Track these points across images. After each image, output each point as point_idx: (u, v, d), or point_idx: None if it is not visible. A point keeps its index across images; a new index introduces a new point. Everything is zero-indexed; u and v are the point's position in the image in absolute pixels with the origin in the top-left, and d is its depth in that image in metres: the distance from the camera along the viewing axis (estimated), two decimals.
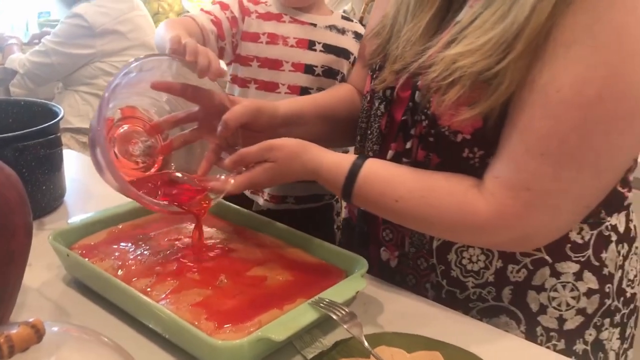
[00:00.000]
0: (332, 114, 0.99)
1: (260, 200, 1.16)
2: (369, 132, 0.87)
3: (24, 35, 2.57)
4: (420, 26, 0.78)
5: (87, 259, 0.77)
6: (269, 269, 0.78)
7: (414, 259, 0.82)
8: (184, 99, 0.87)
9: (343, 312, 0.68)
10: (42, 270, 0.82)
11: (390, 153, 0.81)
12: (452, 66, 0.68)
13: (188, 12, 2.94)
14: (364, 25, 1.17)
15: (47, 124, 0.97)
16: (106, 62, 2.08)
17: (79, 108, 2.06)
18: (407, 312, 0.77)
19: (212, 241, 0.85)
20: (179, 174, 0.87)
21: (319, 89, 1.10)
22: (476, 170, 0.74)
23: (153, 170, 0.89)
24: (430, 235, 0.79)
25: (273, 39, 1.10)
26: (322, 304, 0.69)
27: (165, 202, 0.80)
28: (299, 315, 0.67)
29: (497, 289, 0.79)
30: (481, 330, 0.76)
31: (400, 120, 0.79)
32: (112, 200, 0.98)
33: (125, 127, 0.86)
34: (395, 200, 0.75)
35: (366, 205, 0.80)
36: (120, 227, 0.87)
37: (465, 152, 0.73)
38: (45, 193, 1.00)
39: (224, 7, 1.09)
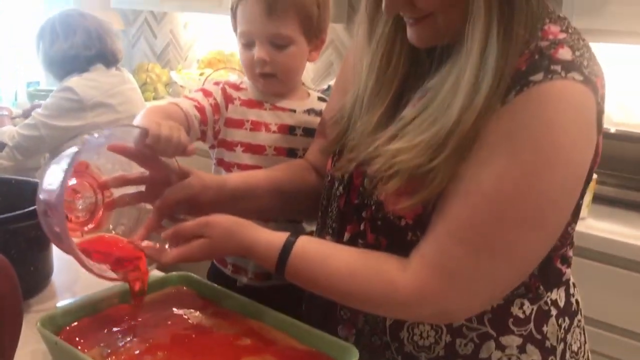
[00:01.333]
0: (283, 189, 1.03)
1: (244, 279, 1.16)
2: (330, 210, 0.92)
3: (12, 105, 2.60)
4: (373, 120, 0.85)
5: (76, 347, 0.76)
6: (259, 358, 0.78)
7: (369, 336, 0.86)
8: (137, 164, 0.91)
9: None
10: (27, 357, 0.81)
11: (346, 235, 0.86)
12: (392, 160, 0.75)
13: (176, 82, 3.01)
14: None
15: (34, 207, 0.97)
16: None
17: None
18: None
19: (197, 324, 0.85)
20: (116, 235, 0.90)
21: None
22: None
23: (90, 226, 0.92)
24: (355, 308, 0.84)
25: (256, 126, 1.14)
26: None
27: (103, 266, 0.83)
28: None
29: None
30: None
31: (355, 203, 0.85)
32: (101, 280, 0.98)
33: (74, 180, 0.91)
34: (326, 278, 0.79)
35: (299, 282, 0.83)
36: (109, 310, 0.87)
37: (409, 236, 0.79)
38: (33, 274, 0.99)
39: (207, 94, 1.14)
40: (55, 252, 1.07)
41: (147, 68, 3.18)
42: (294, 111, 1.17)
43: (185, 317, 0.87)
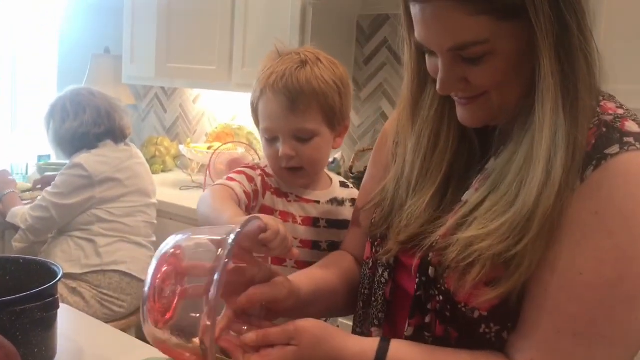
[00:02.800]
0: (336, 288, 0.99)
1: None
2: (373, 299, 0.88)
3: (22, 178, 2.63)
4: (424, 201, 0.83)
5: None
6: None
7: None
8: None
9: None
10: None
11: (409, 329, 0.81)
12: (469, 249, 0.72)
13: (184, 155, 3.05)
14: (352, 175, 1.22)
15: (46, 286, 0.97)
16: (102, 209, 2.12)
17: (72, 253, 2.07)
18: None
19: None
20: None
21: None
22: (492, 344, 0.76)
23: (168, 315, 0.86)
24: None
25: (284, 216, 1.13)
26: None
27: None
28: None
29: None
30: None
31: (414, 294, 0.81)
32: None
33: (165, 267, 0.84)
34: None
35: None
36: None
37: (482, 328, 0.75)
38: (37, 355, 0.98)
39: (250, 179, 1.12)
40: (60, 332, 1.06)
41: (157, 141, 3.23)
42: (318, 202, 1.16)
43: None
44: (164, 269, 0.82)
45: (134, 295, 2.13)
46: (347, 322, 1.26)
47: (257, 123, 1.15)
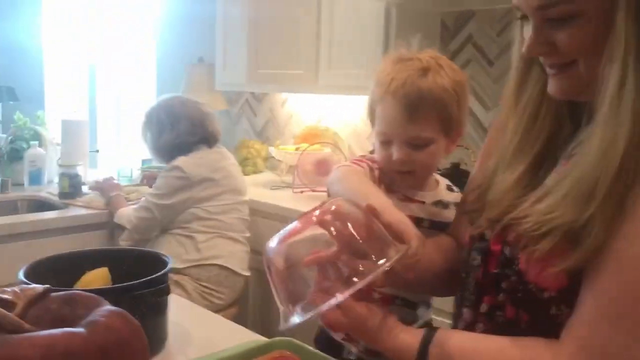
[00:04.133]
0: (435, 265, 1.03)
1: (354, 349, 1.18)
2: (468, 282, 0.92)
3: (128, 181, 2.84)
4: (513, 177, 0.85)
5: None
6: None
7: None
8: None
9: None
10: None
11: (484, 306, 0.85)
12: (543, 218, 0.74)
13: (273, 157, 3.17)
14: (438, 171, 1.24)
15: (159, 273, 1.08)
16: (199, 207, 2.26)
17: (173, 249, 2.21)
18: None
19: None
20: None
21: None
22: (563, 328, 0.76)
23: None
24: None
25: None
26: None
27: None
28: None
29: None
30: None
31: (494, 272, 0.84)
32: (213, 344, 1.05)
33: None
34: None
35: None
36: None
37: (552, 310, 0.77)
38: (152, 338, 1.07)
39: (370, 169, 1.16)
40: (172, 318, 1.16)
41: (248, 144, 3.38)
42: (423, 203, 1.17)
43: None
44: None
45: (231, 288, 2.26)
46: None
47: (372, 123, 1.16)
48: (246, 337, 1.15)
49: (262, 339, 1.05)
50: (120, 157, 3.75)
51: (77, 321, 0.74)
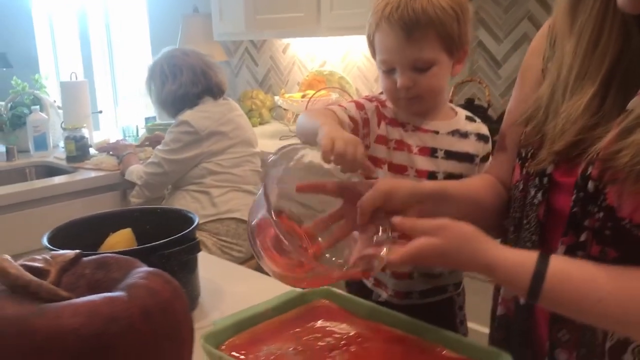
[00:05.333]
0: (480, 200, 0.97)
1: (384, 294, 1.17)
2: (525, 221, 0.86)
3: (134, 140, 2.79)
4: (581, 104, 0.78)
5: None
6: None
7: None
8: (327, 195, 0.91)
9: None
10: None
11: (562, 248, 0.79)
12: None
13: (279, 106, 3.10)
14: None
15: (188, 230, 1.04)
16: (212, 161, 2.21)
17: (189, 206, 2.18)
18: None
19: (346, 336, 0.87)
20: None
21: None
22: None
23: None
24: (623, 335, 0.76)
25: (399, 145, 1.13)
26: None
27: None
28: None
29: None
30: None
31: (569, 211, 0.78)
32: (246, 298, 1.03)
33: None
34: (598, 301, 0.71)
35: (556, 307, 0.77)
36: (264, 324, 0.91)
37: None
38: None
39: (360, 107, 1.13)
40: (201, 275, 1.14)
41: (252, 95, 3.30)
42: (437, 132, 1.14)
43: (334, 329, 0.90)
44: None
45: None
46: None
47: (373, 55, 1.14)
48: (278, 289, 1.13)
49: (297, 290, 1.02)
50: (121, 117, 3.68)
51: (113, 285, 0.71)
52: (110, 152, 2.50)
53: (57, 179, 2.35)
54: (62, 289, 0.69)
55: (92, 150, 2.60)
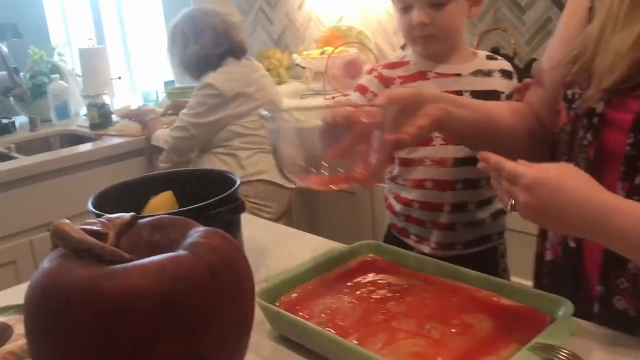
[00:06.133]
0: (498, 118, 0.96)
1: (427, 249, 1.17)
2: (574, 163, 0.83)
3: (155, 105, 2.78)
4: (631, 37, 0.75)
5: (296, 316, 0.81)
6: (471, 316, 0.79)
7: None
8: None
9: (565, 354, 0.67)
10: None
11: (621, 194, 0.76)
12: None
13: (297, 65, 3.06)
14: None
15: (232, 189, 1.04)
16: (238, 124, 2.20)
17: (217, 168, 2.18)
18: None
19: (399, 288, 0.88)
20: None
21: None
22: None
23: None
24: None
25: None
26: (540, 348, 0.69)
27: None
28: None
29: None
30: None
31: (624, 154, 0.76)
32: (291, 255, 1.04)
33: None
34: None
35: None
36: (316, 280, 0.91)
37: None
38: None
39: (363, 90, 1.15)
40: (245, 234, 1.14)
41: (268, 54, 3.26)
42: (459, 75, 1.14)
43: (385, 282, 0.90)
44: None
45: (279, 201, 2.24)
46: None
47: None
48: (321, 245, 1.13)
49: (344, 246, 1.02)
50: (137, 82, 3.66)
51: (172, 245, 0.71)
52: (133, 119, 2.49)
53: (83, 147, 2.36)
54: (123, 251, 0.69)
55: (114, 117, 2.59)
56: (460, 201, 1.16)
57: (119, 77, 2.80)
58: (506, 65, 1.19)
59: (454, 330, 0.76)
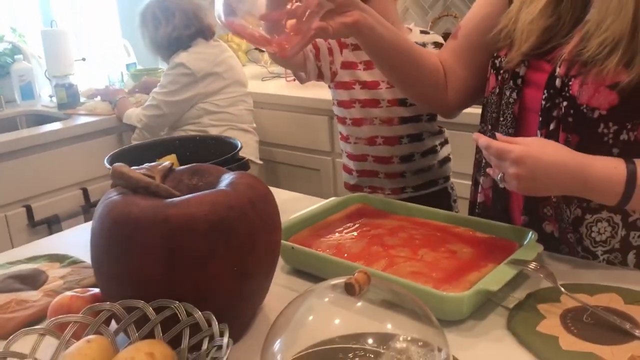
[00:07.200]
0: (415, 56, 1.10)
1: (381, 196, 1.34)
2: (502, 119, 1.02)
3: (121, 86, 2.83)
4: (537, 8, 0.95)
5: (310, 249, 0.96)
6: (454, 245, 0.96)
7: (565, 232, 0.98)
8: None
9: (534, 264, 0.85)
10: None
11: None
12: (604, 35, 0.86)
13: (256, 48, 3.17)
14: None
15: (236, 150, 1.17)
16: (208, 102, 2.31)
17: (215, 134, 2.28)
18: (574, 271, 0.94)
19: (389, 227, 1.03)
20: None
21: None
22: (610, 146, 0.89)
23: None
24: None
25: (368, 65, 1.32)
26: (514, 263, 0.86)
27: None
28: (501, 272, 0.85)
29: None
30: None
31: (541, 107, 0.95)
32: (285, 209, 1.17)
33: None
34: None
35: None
36: (319, 224, 1.06)
37: (600, 128, 0.89)
38: None
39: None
40: None
41: (227, 38, 3.35)
42: None
43: (379, 223, 1.05)
44: None
45: None
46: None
47: None
48: (308, 201, 1.28)
49: (336, 198, 1.17)
50: (98, 64, 3.66)
51: (210, 187, 0.83)
52: (102, 98, 2.55)
53: (52, 125, 2.40)
54: None
55: (82, 98, 2.64)
56: (407, 153, 1.36)
57: (83, 59, 2.83)
58: (438, 38, 1.37)
59: (442, 255, 0.92)
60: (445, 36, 2.44)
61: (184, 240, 0.73)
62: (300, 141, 2.58)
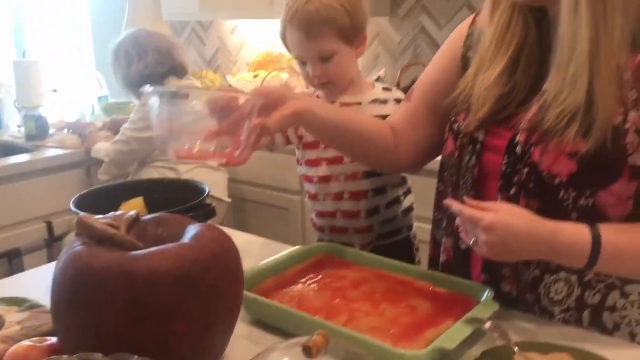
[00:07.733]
0: (363, 131, 1.15)
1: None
2: (462, 182, 1.05)
3: (92, 118, 2.83)
4: (492, 75, 0.99)
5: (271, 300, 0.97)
6: (414, 300, 0.98)
7: (523, 292, 1.00)
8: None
9: (490, 325, 0.87)
10: None
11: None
12: (560, 107, 0.90)
13: (230, 86, 3.20)
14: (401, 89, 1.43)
15: (203, 197, 1.18)
16: None
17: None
18: (531, 329, 0.97)
19: (352, 279, 1.05)
20: None
21: None
22: (569, 212, 0.93)
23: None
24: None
25: None
26: (471, 321, 0.88)
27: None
28: (457, 330, 0.87)
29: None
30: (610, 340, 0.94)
31: (501, 172, 0.98)
32: (250, 257, 1.18)
33: None
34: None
35: (610, 268, 0.93)
36: (283, 273, 1.07)
37: (560, 194, 0.92)
38: None
39: None
40: None
41: (201, 74, 3.38)
42: (360, 103, 1.35)
43: (342, 275, 1.07)
44: None
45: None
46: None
47: (289, 51, 1.36)
48: (277, 248, 1.29)
49: (302, 247, 1.18)
50: (69, 95, 3.65)
51: (175, 238, 0.84)
52: (71, 130, 2.54)
53: (19, 157, 2.38)
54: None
55: (51, 130, 2.62)
56: (373, 206, 1.38)
57: (55, 90, 2.82)
58: (399, 94, 1.41)
59: (402, 311, 0.94)
60: (414, 83, 2.52)
61: (147, 293, 0.73)
62: (269, 179, 2.60)
